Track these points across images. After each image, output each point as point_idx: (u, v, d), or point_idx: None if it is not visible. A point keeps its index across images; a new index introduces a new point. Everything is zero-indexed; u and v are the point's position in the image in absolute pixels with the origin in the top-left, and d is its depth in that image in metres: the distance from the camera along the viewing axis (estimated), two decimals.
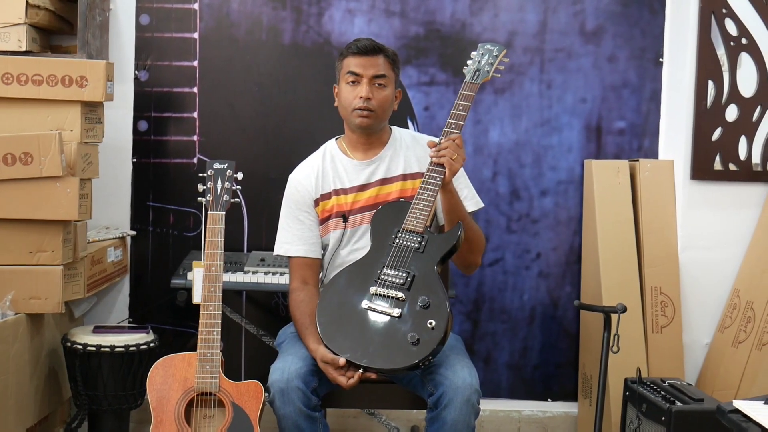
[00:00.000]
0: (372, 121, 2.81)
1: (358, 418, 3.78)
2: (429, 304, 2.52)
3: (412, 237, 2.63)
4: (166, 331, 3.75)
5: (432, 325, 2.49)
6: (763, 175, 3.64)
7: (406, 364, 2.47)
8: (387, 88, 2.81)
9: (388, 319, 2.53)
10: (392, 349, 2.49)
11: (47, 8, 3.44)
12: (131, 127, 3.74)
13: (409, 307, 2.53)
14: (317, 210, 2.88)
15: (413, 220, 2.64)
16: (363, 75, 2.78)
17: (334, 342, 2.53)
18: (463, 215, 2.73)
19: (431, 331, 2.48)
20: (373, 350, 2.51)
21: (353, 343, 2.53)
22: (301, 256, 2.85)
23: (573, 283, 3.81)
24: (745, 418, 2.14)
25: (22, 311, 3.03)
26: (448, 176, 2.63)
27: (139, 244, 3.77)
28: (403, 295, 2.55)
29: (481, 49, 2.85)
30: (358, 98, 2.77)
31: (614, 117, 3.79)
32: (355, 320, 2.56)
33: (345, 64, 2.82)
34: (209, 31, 3.74)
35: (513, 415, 3.84)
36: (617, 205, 3.63)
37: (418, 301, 2.53)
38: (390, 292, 2.56)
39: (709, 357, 3.64)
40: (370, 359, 2.49)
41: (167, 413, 2.71)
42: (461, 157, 2.64)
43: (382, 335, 2.51)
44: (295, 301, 2.78)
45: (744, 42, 3.60)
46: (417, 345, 2.47)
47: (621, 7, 3.77)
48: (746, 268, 3.60)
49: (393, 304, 2.55)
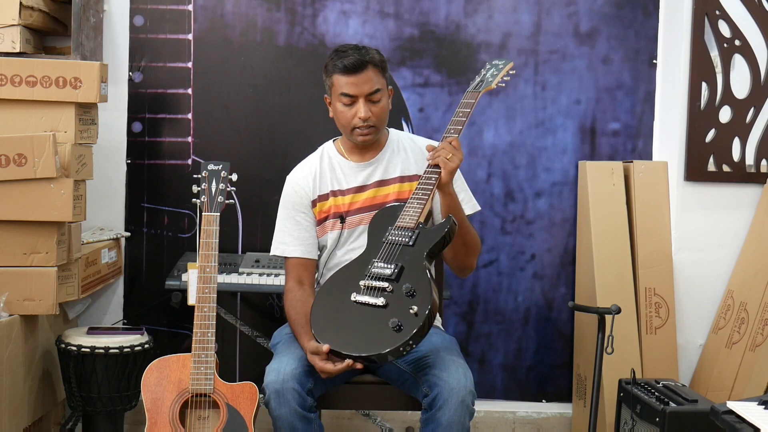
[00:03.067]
0: (374, 136, 2.82)
1: (352, 419, 3.78)
2: (414, 292, 2.52)
3: (403, 233, 2.63)
4: (161, 333, 3.74)
5: (414, 310, 2.47)
6: (756, 176, 3.64)
7: (386, 349, 2.45)
8: (382, 99, 2.79)
9: (373, 308, 2.54)
10: (374, 336, 2.49)
11: (41, 9, 3.44)
12: (125, 129, 3.74)
13: (395, 295, 2.53)
14: (314, 211, 2.88)
15: (405, 217, 2.65)
16: (357, 95, 2.75)
17: (323, 335, 2.55)
18: (462, 218, 2.73)
19: (414, 318, 2.47)
20: (356, 338, 2.51)
21: (339, 333, 2.54)
22: (297, 257, 2.85)
23: (567, 284, 3.82)
24: (738, 419, 2.14)
25: (16, 313, 3.02)
26: (444, 176, 2.63)
27: (134, 246, 3.76)
28: (390, 286, 2.55)
29: (489, 64, 2.88)
30: (357, 118, 2.76)
31: (608, 118, 3.80)
32: (344, 313, 2.57)
33: (335, 82, 2.77)
34: (203, 32, 3.74)
35: (507, 416, 3.84)
36: (611, 206, 3.63)
37: (403, 289, 2.53)
38: (377, 284, 2.56)
39: (703, 358, 3.65)
40: (354, 347, 2.50)
41: (162, 415, 2.71)
42: (457, 157, 2.64)
43: (367, 324, 2.52)
44: (290, 301, 2.78)
45: (737, 43, 3.61)
46: (399, 331, 2.46)
47: (615, 9, 3.78)
48: (740, 270, 3.61)
49: (379, 294, 2.55)
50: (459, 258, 2.78)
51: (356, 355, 2.49)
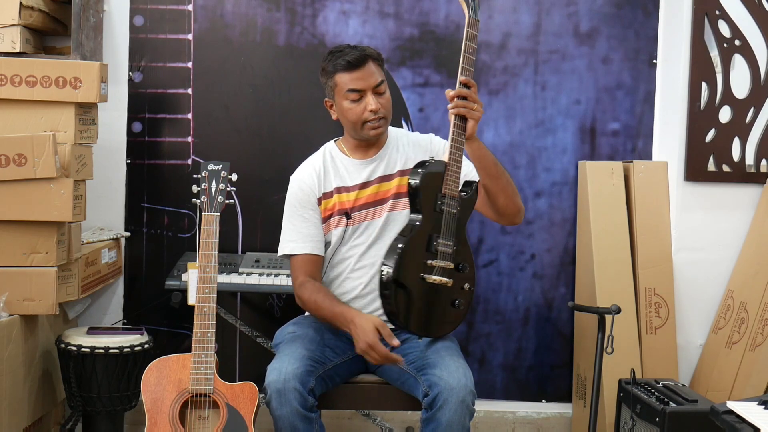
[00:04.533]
0: (384, 128, 2.85)
1: (353, 419, 3.78)
2: (465, 267, 2.69)
3: (451, 202, 2.67)
4: (161, 333, 3.74)
5: (467, 287, 2.71)
6: (756, 176, 3.65)
7: (449, 329, 2.73)
8: (387, 91, 2.84)
9: (440, 287, 2.64)
10: (439, 315, 2.67)
11: (41, 9, 3.44)
12: (125, 129, 3.74)
13: (453, 271, 2.67)
14: (320, 208, 2.89)
15: (451, 184, 2.67)
16: (365, 89, 2.78)
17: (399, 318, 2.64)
18: (494, 160, 2.76)
19: (468, 293, 2.72)
20: (425, 319, 2.65)
21: (410, 311, 2.63)
22: (307, 253, 2.85)
23: (567, 284, 3.82)
24: (738, 419, 2.14)
25: (16, 313, 3.02)
26: (471, 127, 2.66)
27: (134, 246, 3.76)
28: (452, 264, 2.65)
29: None
30: (367, 112, 2.78)
31: (608, 118, 3.80)
32: (414, 293, 2.63)
33: (339, 81, 2.80)
34: (203, 32, 3.74)
35: (507, 416, 3.84)
36: (611, 206, 3.63)
37: (460, 266, 2.68)
38: (444, 264, 2.64)
39: (703, 358, 3.65)
40: (423, 329, 2.66)
41: (162, 415, 2.71)
42: (480, 105, 2.67)
43: (433, 303, 2.65)
44: (310, 290, 2.78)
45: (737, 43, 3.61)
46: (458, 309, 2.70)
47: (615, 9, 3.78)
48: (740, 270, 3.61)
49: (446, 274, 2.65)
50: (509, 201, 2.80)
51: (422, 335, 2.68)
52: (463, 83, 2.68)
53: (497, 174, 2.75)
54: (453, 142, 2.66)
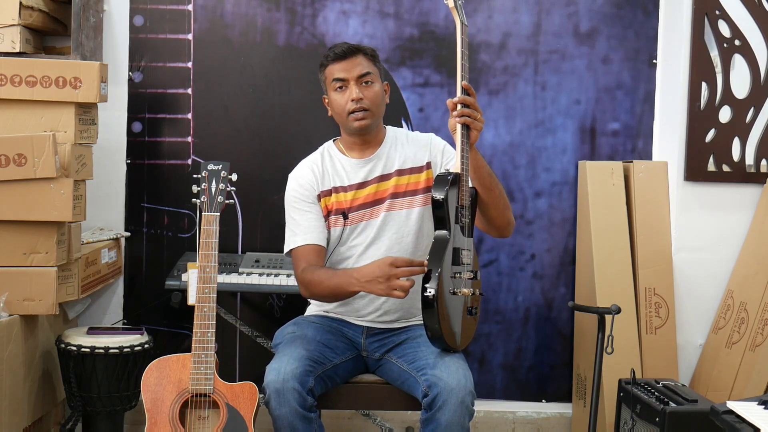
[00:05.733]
0: (369, 121, 2.83)
1: (352, 419, 3.78)
2: (477, 275, 2.76)
3: (465, 212, 2.70)
4: (161, 333, 3.74)
5: (477, 292, 2.75)
6: (756, 176, 3.65)
7: (469, 340, 2.75)
8: (374, 83, 2.84)
9: (463, 297, 2.67)
10: (458, 323, 2.66)
11: (41, 9, 3.44)
12: (125, 129, 3.74)
13: (472, 283, 2.72)
14: (320, 205, 2.89)
15: (465, 194, 2.69)
16: (348, 78, 2.81)
17: None
18: (490, 171, 2.76)
19: (478, 298, 2.77)
20: (449, 330, 2.63)
21: (450, 330, 2.64)
22: (311, 243, 2.83)
23: (567, 284, 3.82)
24: (738, 419, 2.14)
25: (16, 313, 3.02)
26: (474, 138, 2.67)
27: (134, 246, 3.76)
28: (472, 274, 2.71)
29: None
30: (350, 101, 2.80)
31: (608, 118, 3.80)
32: (451, 308, 2.64)
33: (328, 73, 2.86)
34: (203, 32, 3.74)
35: (507, 416, 3.84)
36: (611, 206, 3.63)
37: (474, 274, 2.74)
38: (468, 275, 2.68)
39: (703, 358, 3.65)
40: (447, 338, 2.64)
41: (161, 415, 2.71)
42: (482, 115, 2.67)
43: (456, 313, 2.65)
44: (311, 271, 2.76)
45: (737, 43, 3.61)
46: (474, 315, 2.74)
47: (615, 9, 3.78)
48: (740, 269, 3.61)
49: (469, 286, 2.68)
50: (500, 214, 2.80)
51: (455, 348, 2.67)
52: (464, 88, 2.67)
53: (491, 185, 2.75)
54: (462, 152, 2.66)
